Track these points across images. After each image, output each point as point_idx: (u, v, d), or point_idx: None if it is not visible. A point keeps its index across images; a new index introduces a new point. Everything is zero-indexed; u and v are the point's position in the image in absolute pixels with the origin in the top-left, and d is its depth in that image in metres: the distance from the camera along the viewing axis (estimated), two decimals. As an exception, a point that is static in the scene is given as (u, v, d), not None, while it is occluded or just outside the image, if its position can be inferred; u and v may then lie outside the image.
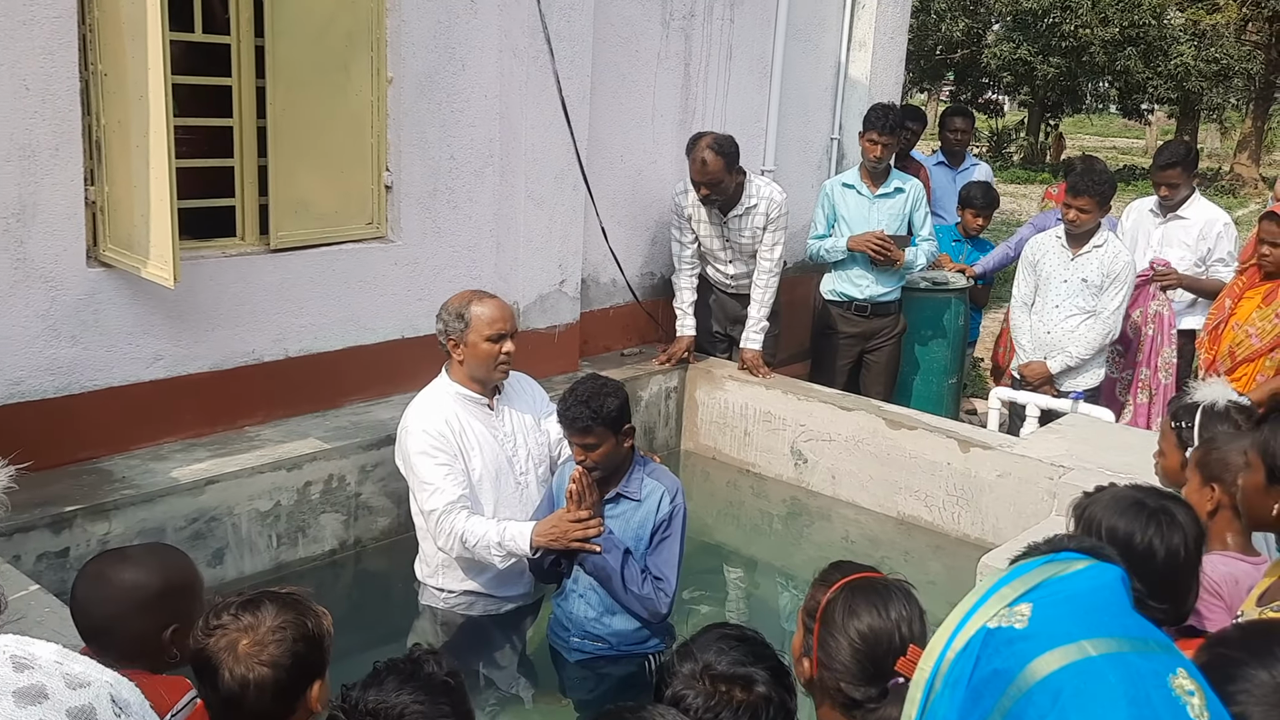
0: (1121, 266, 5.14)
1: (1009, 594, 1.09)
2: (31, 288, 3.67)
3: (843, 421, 5.12)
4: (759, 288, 5.39)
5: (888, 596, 1.92)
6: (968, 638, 1.07)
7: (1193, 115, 22.89)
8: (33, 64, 3.55)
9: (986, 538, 4.63)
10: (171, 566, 2.24)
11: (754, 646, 1.91)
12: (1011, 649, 1.03)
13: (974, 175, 7.06)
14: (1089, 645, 1.01)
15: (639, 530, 3.33)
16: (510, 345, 3.62)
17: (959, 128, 7.23)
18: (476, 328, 3.56)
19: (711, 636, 1.93)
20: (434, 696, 1.81)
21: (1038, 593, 1.08)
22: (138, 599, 2.13)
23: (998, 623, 1.06)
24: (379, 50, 4.51)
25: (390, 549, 4.35)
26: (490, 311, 3.58)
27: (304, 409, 4.47)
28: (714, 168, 5.07)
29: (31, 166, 3.61)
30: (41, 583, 3.28)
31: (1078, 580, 1.08)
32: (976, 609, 1.09)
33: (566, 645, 3.47)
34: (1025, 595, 1.08)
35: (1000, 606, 1.08)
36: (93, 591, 2.16)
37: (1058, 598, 1.07)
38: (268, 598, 1.93)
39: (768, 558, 5.16)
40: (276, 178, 4.25)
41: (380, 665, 1.87)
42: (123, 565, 2.20)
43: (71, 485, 3.69)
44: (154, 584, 2.16)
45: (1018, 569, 1.13)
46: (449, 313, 3.62)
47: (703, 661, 1.87)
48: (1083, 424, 4.88)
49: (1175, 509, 2.24)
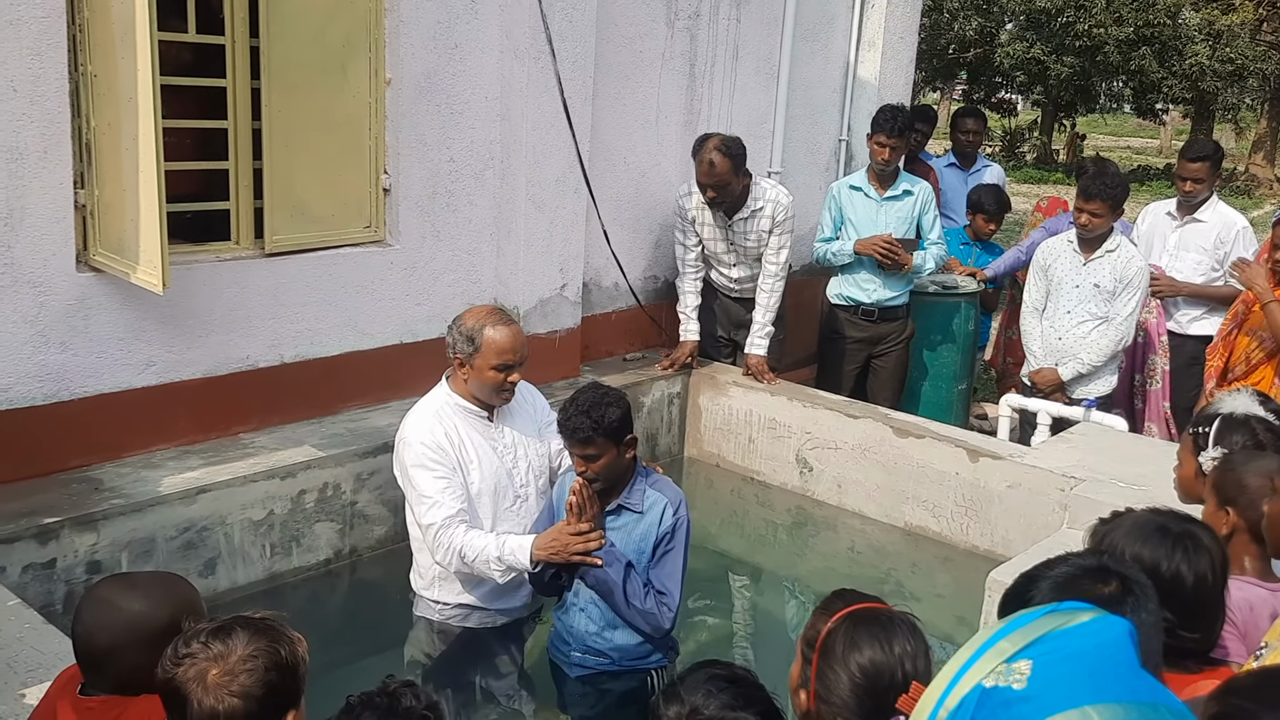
0: (1135, 271, 5.03)
1: (1007, 648, 0.99)
2: (20, 293, 3.60)
3: (849, 429, 5.02)
4: (764, 292, 5.30)
5: (891, 629, 1.83)
6: (961, 695, 0.98)
7: (1208, 115, 22.69)
8: (20, 65, 3.49)
9: (996, 550, 4.53)
10: (179, 599, 2.15)
11: (744, 688, 1.82)
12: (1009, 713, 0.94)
13: (985, 177, 6.95)
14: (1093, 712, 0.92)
15: (641, 543, 3.24)
16: (517, 375, 3.52)
17: (971, 129, 7.13)
18: (485, 355, 3.46)
19: (700, 677, 1.84)
20: None
21: (1038, 648, 0.98)
22: (142, 631, 2.05)
23: (994, 681, 0.97)
24: (377, 51, 4.43)
25: (386, 558, 4.27)
26: (502, 341, 3.46)
27: (300, 416, 4.40)
28: (721, 169, 4.98)
29: (19, 169, 3.54)
30: (26, 595, 3.23)
31: (1081, 636, 0.99)
32: (971, 664, 1.00)
33: (567, 660, 3.39)
34: (1025, 650, 0.98)
35: (997, 662, 0.98)
36: (97, 618, 2.08)
37: (1059, 655, 0.97)
38: (239, 624, 1.85)
39: (772, 568, 5.06)
40: (272, 180, 4.18)
41: (354, 700, 1.78)
42: (130, 594, 2.11)
43: (60, 494, 3.62)
44: (160, 617, 2.08)
45: (1017, 620, 1.03)
46: (460, 332, 3.51)
47: (690, 705, 1.78)
48: (1095, 433, 4.77)
49: (1199, 533, 2.16)
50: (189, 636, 1.84)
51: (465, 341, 3.49)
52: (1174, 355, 5.63)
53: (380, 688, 1.81)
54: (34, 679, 2.58)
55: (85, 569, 3.51)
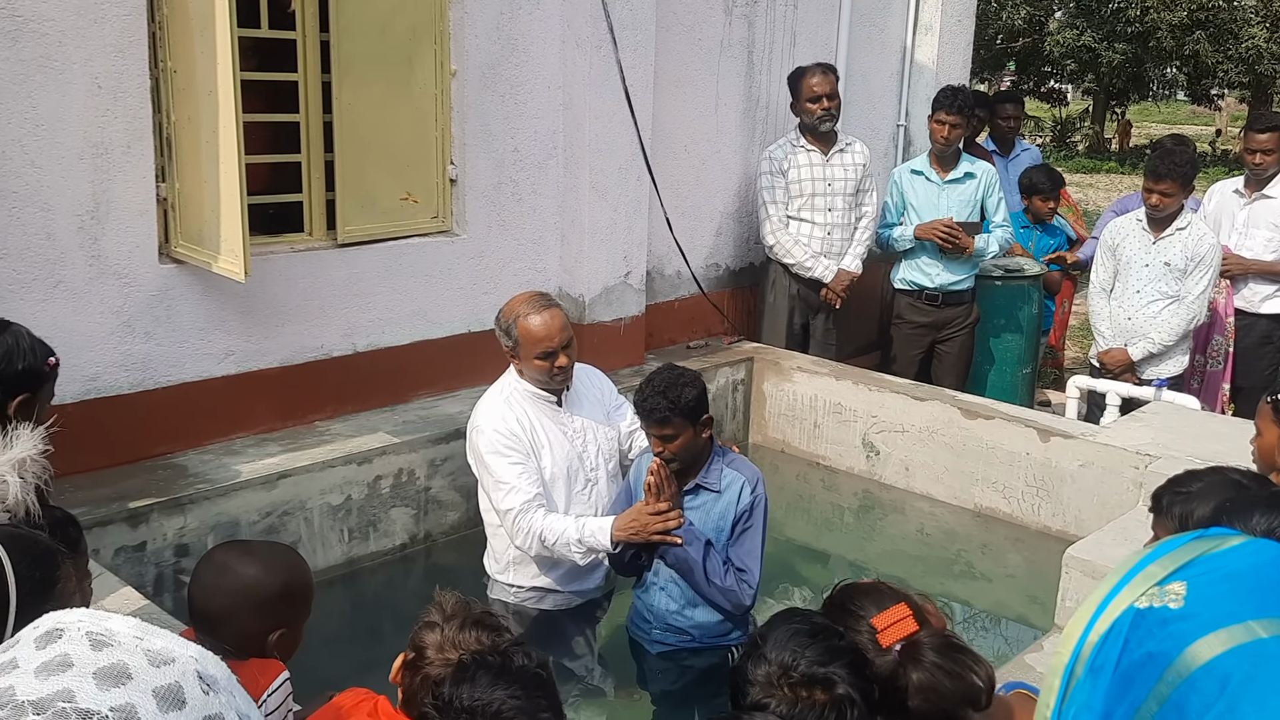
0: (1207, 249, 4.96)
1: (1157, 572, 0.99)
2: (106, 284, 3.70)
3: (916, 412, 5.00)
4: (862, 228, 5.66)
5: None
6: (1113, 619, 0.98)
7: (1265, 99, 22.24)
8: (104, 62, 3.58)
9: (1068, 530, 4.48)
10: (293, 569, 2.23)
11: (828, 640, 1.81)
12: (1167, 631, 0.94)
13: (1024, 162, 6.90)
14: (1258, 627, 0.91)
15: (720, 521, 3.26)
16: (564, 359, 3.49)
17: (1010, 114, 7.05)
18: (526, 346, 3.47)
19: (783, 635, 1.82)
20: (529, 691, 1.74)
21: (1191, 570, 0.98)
22: (256, 596, 2.12)
23: (1148, 602, 0.97)
24: (442, 43, 4.49)
25: (460, 543, 4.32)
26: (536, 330, 3.44)
27: (373, 404, 4.47)
28: (833, 79, 5.43)
29: (105, 164, 3.63)
30: (119, 577, 3.30)
31: (1235, 556, 0.99)
32: (1120, 588, 1.00)
33: (648, 638, 3.41)
34: (1177, 573, 0.98)
35: (1149, 585, 0.98)
36: (214, 579, 2.15)
37: (1215, 575, 0.97)
38: None
39: (840, 551, 5.05)
40: (343, 172, 4.24)
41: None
42: (248, 559, 2.18)
43: (147, 480, 3.71)
44: (274, 585, 2.14)
45: (1163, 545, 1.03)
46: (500, 326, 3.54)
47: (778, 664, 1.78)
48: (1168, 411, 4.71)
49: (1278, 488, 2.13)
50: None
51: (505, 336, 3.52)
52: (1244, 334, 5.54)
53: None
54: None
55: (174, 552, 3.60)
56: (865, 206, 5.65)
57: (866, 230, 5.67)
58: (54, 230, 3.55)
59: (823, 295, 5.58)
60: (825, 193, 5.48)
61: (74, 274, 3.62)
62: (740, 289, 5.96)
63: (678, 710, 3.48)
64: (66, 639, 0.85)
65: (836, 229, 5.53)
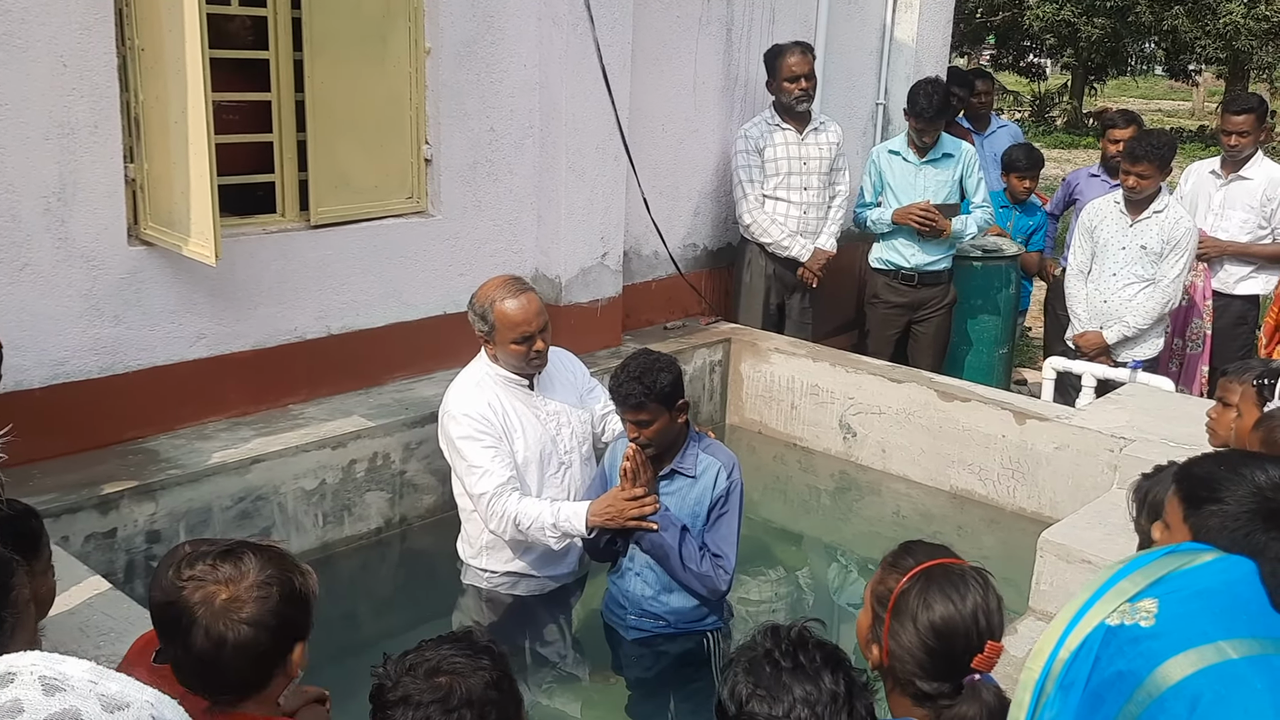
0: (1183, 233, 4.97)
1: (1129, 588, 0.98)
2: (73, 267, 3.64)
3: (893, 394, 5.00)
4: (835, 207, 5.66)
5: (964, 586, 1.82)
6: (1083, 635, 0.97)
7: (1242, 75, 22.29)
8: (69, 40, 3.50)
9: (1044, 512, 4.51)
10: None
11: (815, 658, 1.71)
12: (1138, 649, 0.93)
13: (1001, 138, 6.88)
14: (1229, 647, 0.91)
15: (695, 507, 3.25)
16: (540, 343, 3.48)
17: (981, 90, 7.02)
18: (502, 331, 3.45)
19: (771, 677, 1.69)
20: (475, 653, 1.70)
21: (1162, 587, 0.97)
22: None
23: (1119, 619, 0.96)
24: (416, 20, 4.42)
25: (435, 527, 4.31)
26: (514, 314, 3.42)
27: (347, 386, 4.43)
28: (810, 60, 5.45)
29: (71, 144, 3.56)
30: (89, 564, 3.26)
31: (1206, 574, 0.98)
32: (1092, 604, 0.99)
33: (624, 623, 3.41)
34: (1148, 590, 0.97)
35: (1120, 602, 0.97)
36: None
37: (1186, 592, 0.96)
38: (249, 549, 1.77)
39: (816, 533, 5.06)
40: (316, 152, 4.18)
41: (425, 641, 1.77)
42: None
43: (118, 465, 3.67)
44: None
45: (1135, 561, 1.02)
46: (475, 311, 3.51)
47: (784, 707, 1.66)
48: (1143, 394, 4.73)
49: None
50: (193, 557, 1.74)
51: (480, 320, 3.49)
52: (1219, 315, 5.57)
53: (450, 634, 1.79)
54: (106, 643, 2.62)
55: (145, 538, 3.56)
56: (839, 185, 5.67)
57: (840, 209, 5.68)
58: (19, 212, 3.49)
59: (800, 274, 5.57)
60: (801, 171, 5.47)
61: (41, 256, 3.55)
62: (718, 269, 5.94)
63: (653, 696, 3.49)
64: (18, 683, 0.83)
65: (812, 208, 5.53)
